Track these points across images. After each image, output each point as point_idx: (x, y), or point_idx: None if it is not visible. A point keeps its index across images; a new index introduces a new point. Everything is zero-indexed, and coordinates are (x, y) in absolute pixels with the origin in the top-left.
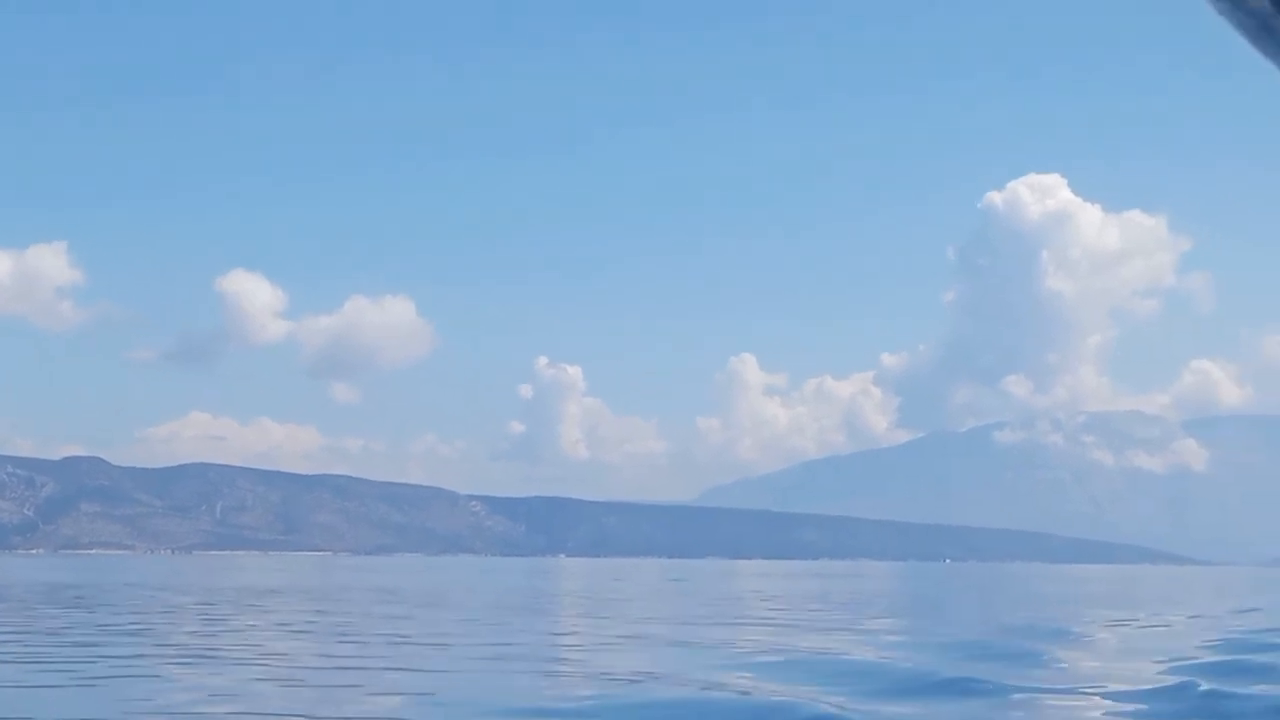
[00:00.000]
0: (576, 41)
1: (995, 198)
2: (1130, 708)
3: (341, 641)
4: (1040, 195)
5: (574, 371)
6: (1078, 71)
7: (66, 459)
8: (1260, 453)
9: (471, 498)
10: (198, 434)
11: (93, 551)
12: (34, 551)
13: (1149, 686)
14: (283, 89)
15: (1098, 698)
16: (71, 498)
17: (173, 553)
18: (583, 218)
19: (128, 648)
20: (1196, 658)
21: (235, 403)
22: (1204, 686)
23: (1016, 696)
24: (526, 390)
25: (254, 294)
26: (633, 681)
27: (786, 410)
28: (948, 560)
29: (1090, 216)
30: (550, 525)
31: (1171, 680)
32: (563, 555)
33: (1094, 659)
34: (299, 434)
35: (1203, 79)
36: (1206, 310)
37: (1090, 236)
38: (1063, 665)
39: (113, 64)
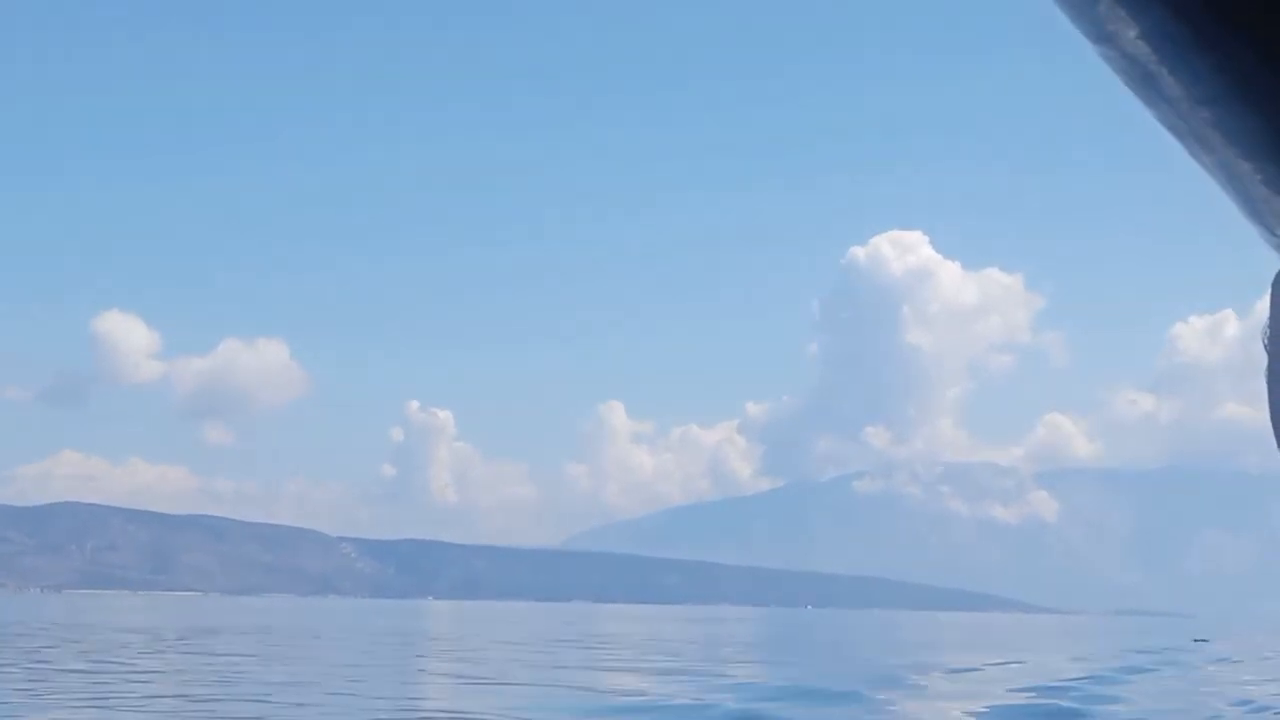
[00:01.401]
0: (445, 99)
1: (858, 253)
2: None
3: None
4: (902, 251)
5: (444, 416)
6: (941, 134)
7: None
8: (1107, 505)
9: (342, 539)
10: (69, 473)
11: None
12: None
13: None
14: (156, 129)
15: None
16: None
17: (41, 591)
18: (455, 265)
19: None
20: (1010, 701)
21: (107, 442)
22: None
23: None
24: (398, 434)
25: (128, 335)
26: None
27: (653, 457)
28: (809, 606)
29: (950, 273)
30: (419, 568)
31: None
32: (431, 598)
33: (918, 701)
34: (171, 474)
35: (1061, 146)
36: (1059, 366)
37: (949, 292)
38: (890, 709)
39: None
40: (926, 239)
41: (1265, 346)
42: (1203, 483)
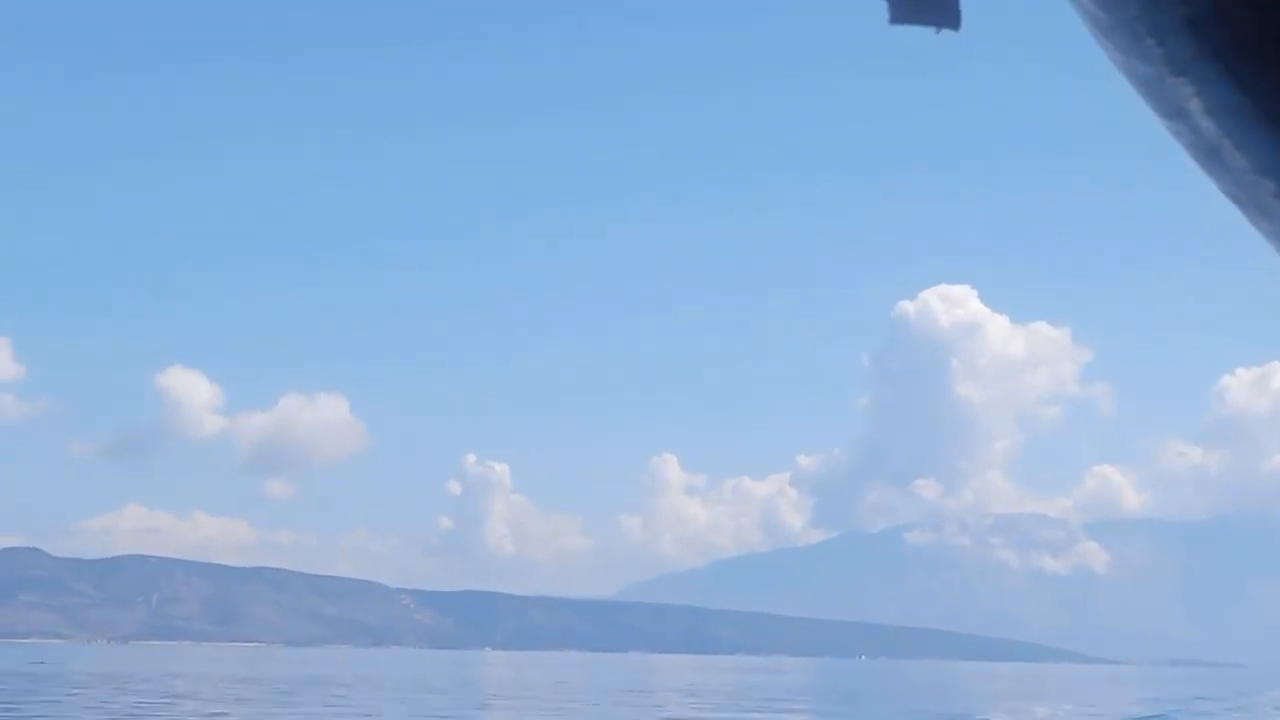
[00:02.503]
0: (507, 141)
1: (908, 307)
2: None
3: None
4: (950, 305)
5: (501, 469)
6: (990, 188)
7: (5, 550)
8: (1157, 556)
9: (401, 591)
10: (134, 526)
11: (29, 641)
12: None
13: None
14: (219, 187)
15: None
16: (10, 588)
17: (109, 642)
18: (510, 317)
19: None
20: None
21: (171, 496)
22: None
23: None
24: (455, 487)
25: (191, 390)
26: None
27: (706, 509)
28: (862, 657)
29: (998, 326)
30: (477, 619)
31: None
32: (488, 648)
33: None
34: (233, 527)
35: (1110, 203)
36: (1107, 418)
37: (998, 346)
38: None
39: (47, 163)
40: (975, 293)
41: None
42: (1252, 533)
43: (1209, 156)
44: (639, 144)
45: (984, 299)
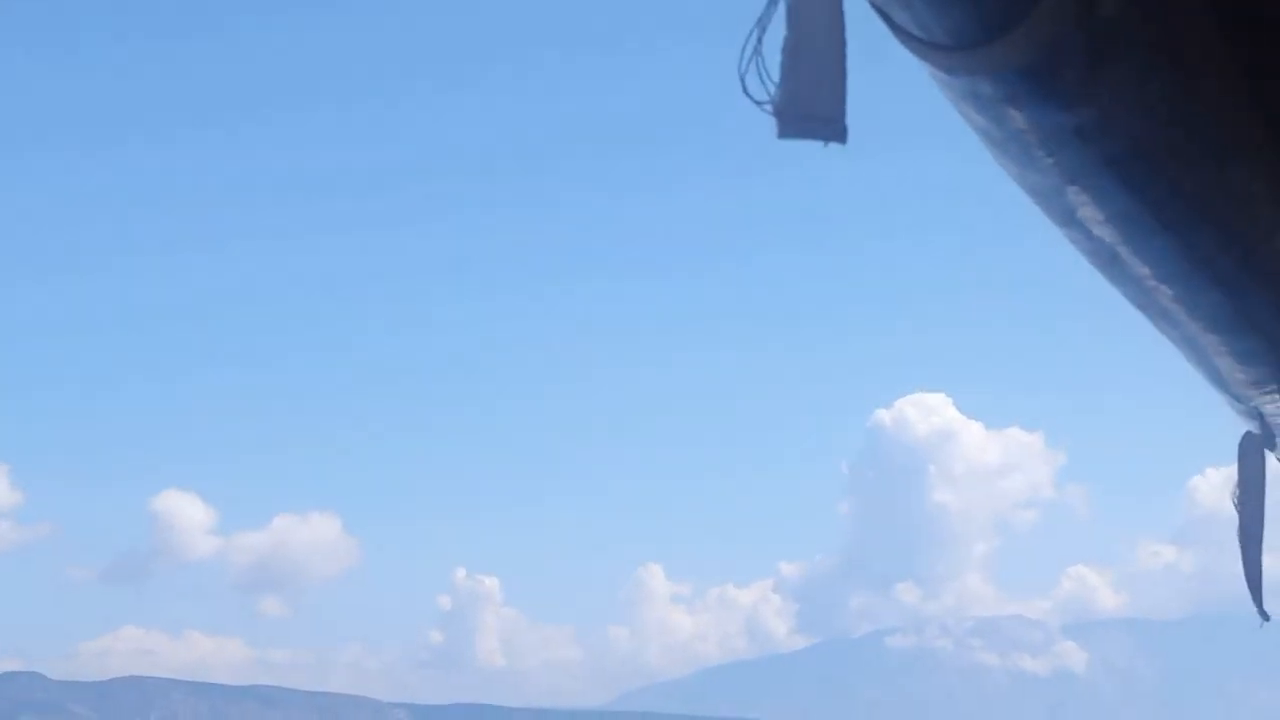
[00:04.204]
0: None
1: (884, 415)
2: None
3: None
4: (926, 413)
5: (491, 582)
6: (961, 303)
7: (5, 674)
8: (1135, 655)
9: (395, 705)
10: (130, 647)
11: None
12: None
13: None
14: (204, 300)
15: None
16: (11, 712)
17: None
18: (496, 433)
19: None
20: None
21: (166, 616)
22: None
23: None
24: (446, 601)
25: (186, 512)
26: None
27: (691, 617)
28: None
29: (973, 433)
30: None
31: None
32: None
33: None
34: (227, 646)
35: (1069, 309)
36: (1082, 520)
37: (973, 452)
38: None
39: (40, 289)
40: (950, 400)
41: (1235, 505)
42: (1228, 631)
43: (1108, 264)
44: (611, 246)
45: (959, 406)
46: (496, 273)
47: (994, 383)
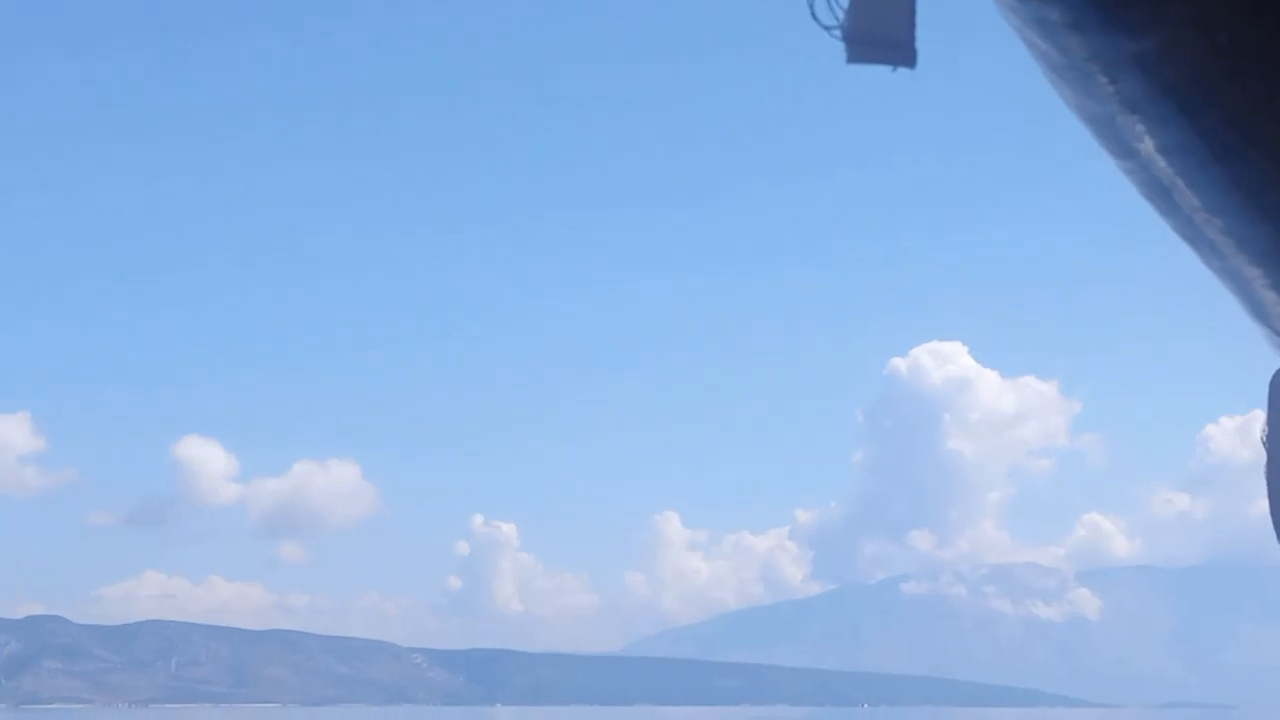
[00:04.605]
0: (505, 222)
1: (900, 364)
2: None
3: None
4: (942, 361)
5: (508, 529)
6: (977, 248)
7: (29, 618)
8: (1148, 601)
9: (413, 650)
10: (153, 592)
11: (53, 706)
12: None
13: None
14: (231, 267)
15: None
16: (34, 655)
17: (130, 706)
18: (513, 380)
19: None
20: None
21: (188, 562)
22: None
23: None
24: (464, 547)
25: (207, 459)
26: None
27: (708, 564)
28: (864, 705)
29: (989, 382)
30: (488, 676)
31: None
32: (499, 705)
33: None
34: (248, 591)
35: (1093, 252)
36: (1096, 468)
37: (989, 400)
38: None
39: (63, 244)
40: (965, 349)
41: (1264, 444)
42: (1239, 578)
43: (1161, 195)
44: (630, 213)
45: (975, 355)
46: (519, 219)
47: (1011, 331)
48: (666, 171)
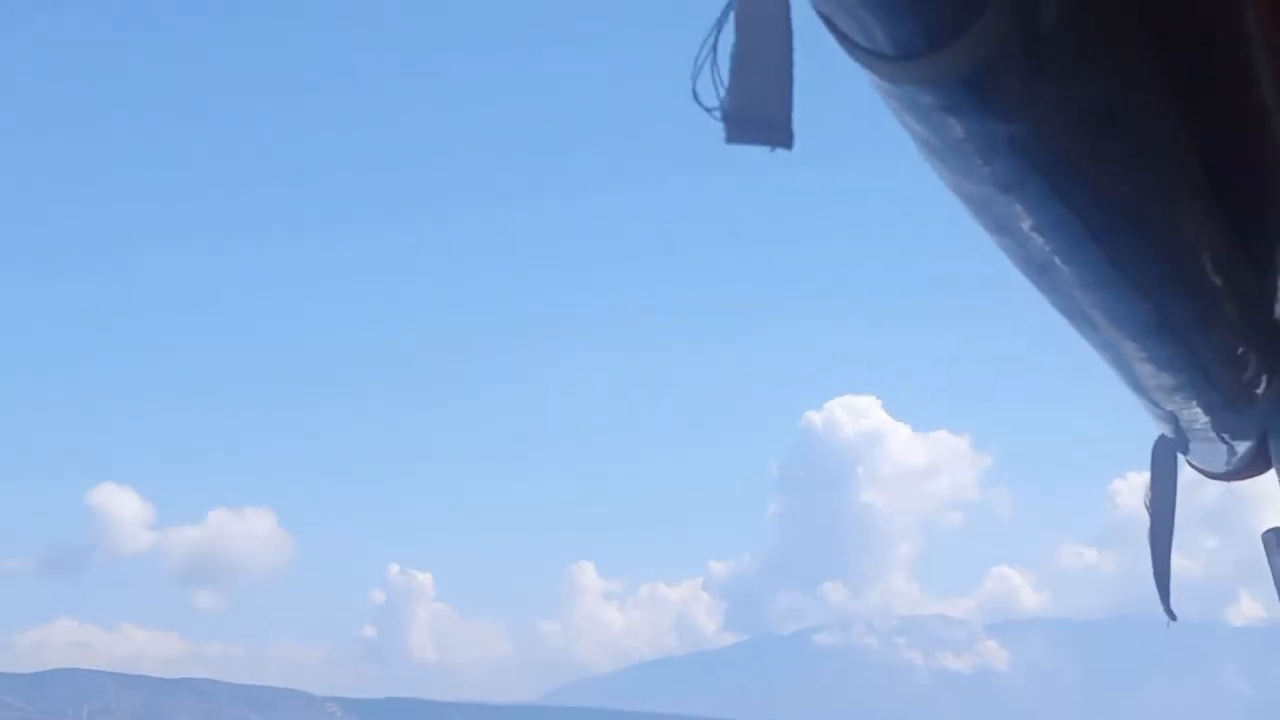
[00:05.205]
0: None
1: (814, 417)
2: None
3: None
4: (855, 415)
5: (424, 578)
6: (894, 307)
7: None
8: (1056, 654)
9: (328, 699)
10: (65, 640)
11: None
12: None
13: None
14: (138, 296)
15: None
16: None
17: None
18: (429, 429)
19: None
20: None
21: (102, 610)
22: None
23: None
24: (379, 595)
25: (122, 506)
26: None
27: (623, 614)
28: None
29: (901, 435)
30: None
31: None
32: None
33: None
34: (162, 639)
35: (1001, 320)
36: (1006, 521)
37: (901, 454)
38: None
39: None
40: (879, 403)
41: (1147, 508)
42: (1147, 631)
43: (1039, 272)
44: (545, 247)
45: (888, 409)
46: (434, 270)
47: (924, 386)
48: (575, 220)
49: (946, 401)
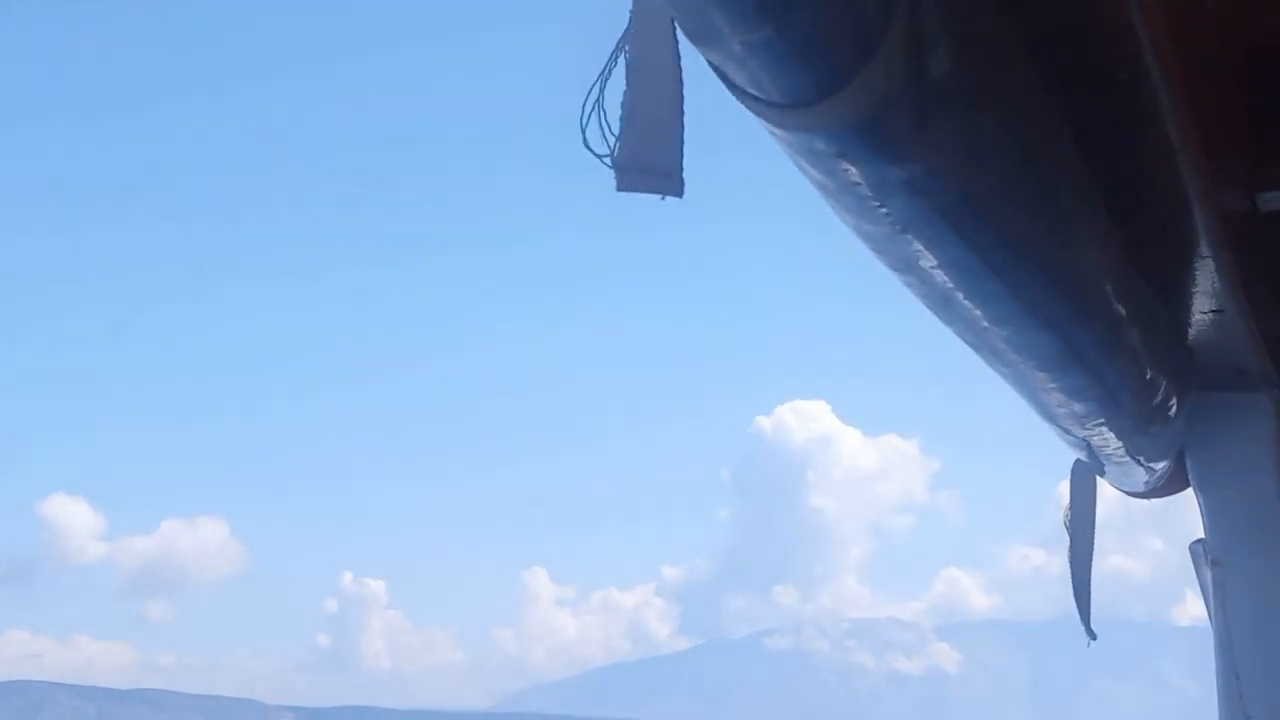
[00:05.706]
0: (374, 276)
1: (764, 422)
2: None
3: None
4: (806, 420)
5: (377, 586)
6: (842, 313)
7: None
8: (1005, 655)
9: (282, 708)
10: (17, 652)
11: None
12: None
13: None
14: (99, 315)
15: None
16: None
17: None
18: (382, 438)
19: None
20: None
21: (54, 621)
22: None
23: None
24: (332, 604)
25: (74, 517)
26: None
27: (575, 620)
28: None
29: (851, 439)
30: None
31: None
32: None
33: None
34: (115, 650)
35: (942, 326)
36: (955, 524)
37: (851, 458)
38: None
39: None
40: (829, 408)
41: (1066, 527)
42: (1095, 632)
43: (942, 307)
44: (494, 258)
45: (838, 413)
46: (387, 274)
47: (873, 391)
48: (532, 217)
49: (897, 406)
